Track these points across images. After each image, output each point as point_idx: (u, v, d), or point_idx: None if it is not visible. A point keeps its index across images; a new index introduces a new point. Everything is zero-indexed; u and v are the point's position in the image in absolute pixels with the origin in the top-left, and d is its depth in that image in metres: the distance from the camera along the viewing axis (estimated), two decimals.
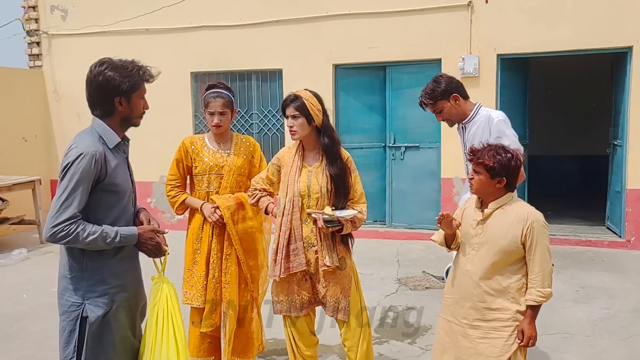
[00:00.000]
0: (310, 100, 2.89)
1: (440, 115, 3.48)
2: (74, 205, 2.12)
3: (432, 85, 3.44)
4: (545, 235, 2.45)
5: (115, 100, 2.24)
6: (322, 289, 2.95)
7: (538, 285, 2.43)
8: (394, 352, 3.94)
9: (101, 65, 2.23)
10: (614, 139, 7.09)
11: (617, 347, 3.97)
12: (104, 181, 2.21)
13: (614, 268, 5.87)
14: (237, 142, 3.40)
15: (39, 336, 4.25)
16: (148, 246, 2.30)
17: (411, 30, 7.09)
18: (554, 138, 10.15)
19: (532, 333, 2.43)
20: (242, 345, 3.38)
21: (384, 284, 5.46)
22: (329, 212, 2.80)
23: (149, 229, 2.32)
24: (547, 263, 2.44)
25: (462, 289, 2.57)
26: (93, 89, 2.24)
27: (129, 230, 2.25)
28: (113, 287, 2.24)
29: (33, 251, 7.08)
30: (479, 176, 2.48)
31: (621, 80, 6.76)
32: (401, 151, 7.42)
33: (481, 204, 2.56)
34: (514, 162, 2.45)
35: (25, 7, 8.65)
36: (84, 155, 2.14)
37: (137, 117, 2.34)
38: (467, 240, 2.58)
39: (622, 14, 6.39)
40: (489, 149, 2.48)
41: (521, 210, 2.48)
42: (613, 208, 7.09)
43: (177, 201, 3.34)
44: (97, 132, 2.26)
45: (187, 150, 3.32)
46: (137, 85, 2.26)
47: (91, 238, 2.14)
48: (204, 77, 7.91)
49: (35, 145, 8.66)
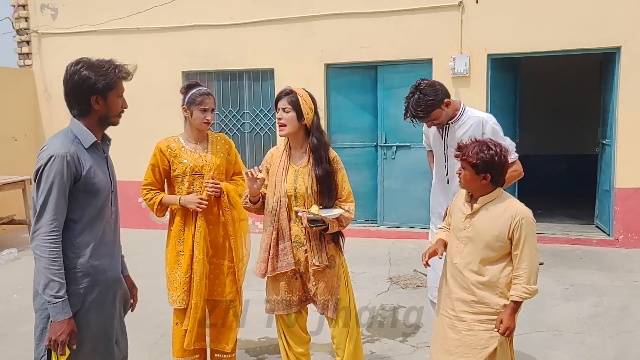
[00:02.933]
0: (303, 97, 2.90)
1: (432, 122, 3.27)
2: (51, 209, 2.12)
3: (421, 98, 3.16)
4: (532, 232, 2.48)
5: (91, 99, 2.23)
6: (312, 287, 2.96)
7: (524, 281, 2.46)
8: (386, 350, 3.96)
9: (77, 65, 2.23)
10: (602, 139, 7.16)
11: (605, 344, 4.02)
12: (79, 181, 2.20)
13: (602, 266, 5.93)
14: (213, 141, 3.37)
15: (30, 336, 4.19)
16: (55, 338, 2.14)
17: (402, 30, 7.11)
18: (543, 137, 10.21)
19: (511, 325, 2.47)
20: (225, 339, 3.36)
21: (376, 283, 5.48)
22: (314, 212, 2.80)
23: (63, 331, 2.14)
24: (534, 260, 2.47)
25: (450, 281, 2.61)
26: (69, 88, 2.24)
27: (63, 309, 2.13)
28: (84, 287, 2.22)
29: (23, 251, 7.03)
30: (465, 172, 2.53)
31: (610, 80, 6.83)
32: (392, 150, 7.44)
33: (471, 198, 2.60)
34: (497, 159, 2.48)
35: (15, 5, 8.59)
36: (54, 157, 2.14)
37: (115, 116, 2.32)
38: (455, 233, 2.62)
39: (610, 15, 6.45)
40: (473, 145, 2.52)
41: (510, 206, 2.51)
42: (602, 207, 7.16)
43: (154, 202, 3.27)
44: (72, 133, 2.25)
45: (164, 154, 3.26)
46: (113, 83, 2.24)
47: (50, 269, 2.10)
48: (195, 76, 7.89)
49: (25, 144, 8.60)
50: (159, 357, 3.89)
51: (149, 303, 4.22)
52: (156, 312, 4.48)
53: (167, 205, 3.31)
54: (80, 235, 2.22)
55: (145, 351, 3.95)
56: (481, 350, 2.51)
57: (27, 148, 8.61)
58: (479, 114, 3.31)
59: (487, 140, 2.57)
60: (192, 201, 3.19)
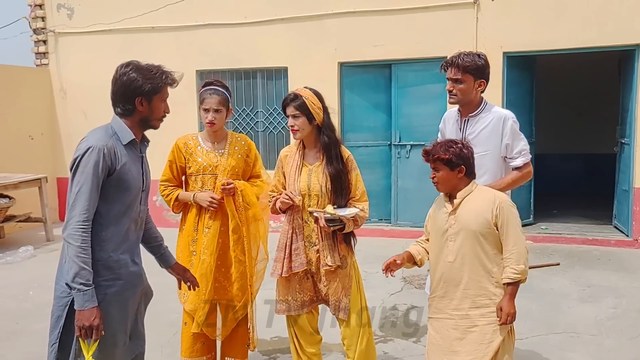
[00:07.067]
0: (310, 99, 2.88)
1: (455, 86, 3.11)
2: (84, 199, 2.18)
3: (473, 56, 3.09)
4: (514, 214, 2.54)
5: (136, 101, 2.31)
6: (324, 287, 2.95)
7: (512, 262, 2.49)
8: (399, 351, 3.93)
9: (127, 67, 2.33)
10: (621, 137, 7.04)
11: (623, 346, 3.94)
12: (112, 175, 2.26)
13: (620, 267, 5.83)
14: (232, 141, 3.32)
15: (44, 333, 4.22)
16: (84, 323, 2.16)
17: (417, 27, 7.06)
18: (560, 136, 10.09)
19: (511, 310, 2.47)
20: (237, 346, 3.34)
21: (389, 283, 5.43)
22: (330, 211, 2.79)
23: (95, 315, 2.16)
24: (520, 241, 2.51)
25: (448, 282, 2.60)
26: (117, 87, 2.33)
27: (92, 297, 2.17)
28: (106, 279, 2.26)
29: (39, 249, 7.11)
30: (440, 172, 2.60)
31: (628, 78, 6.71)
32: (407, 149, 7.39)
33: (449, 198, 2.64)
34: (466, 150, 2.58)
35: (32, 5, 8.68)
36: (92, 148, 2.21)
37: (157, 120, 2.41)
38: (442, 235, 2.63)
39: (629, 12, 6.34)
40: (439, 145, 2.61)
41: (487, 193, 2.59)
42: (620, 207, 7.05)
43: (171, 198, 3.26)
44: (112, 129, 2.33)
45: (180, 151, 3.25)
46: (159, 88, 2.34)
47: (80, 257, 2.15)
48: (209, 75, 7.91)
49: (42, 143, 8.69)
50: (172, 355, 3.90)
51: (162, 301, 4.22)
52: (169, 310, 4.49)
53: (184, 202, 3.29)
54: (105, 229, 2.27)
55: (158, 349, 3.96)
56: (488, 345, 2.50)
57: (43, 146, 8.71)
58: (500, 111, 3.23)
59: (448, 139, 2.66)
60: (204, 199, 3.17)
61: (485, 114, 3.19)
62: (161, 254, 2.69)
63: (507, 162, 3.21)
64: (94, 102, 8.09)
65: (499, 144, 3.14)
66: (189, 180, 3.30)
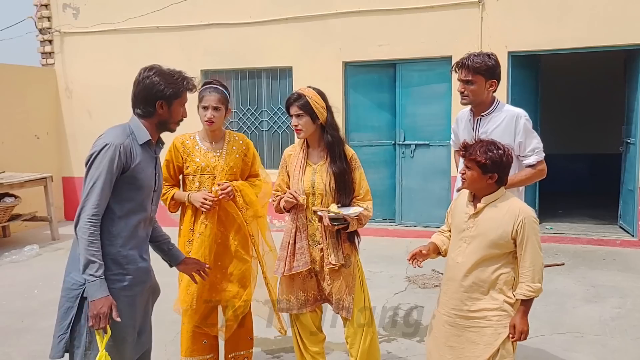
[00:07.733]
0: (313, 99, 2.89)
1: (466, 87, 3.12)
2: (96, 194, 2.23)
3: (483, 56, 3.11)
4: (535, 230, 2.48)
5: (157, 104, 2.38)
6: (327, 286, 2.95)
7: (528, 280, 2.45)
8: (402, 350, 3.93)
9: (150, 70, 2.39)
10: (626, 137, 7.02)
11: (628, 346, 3.93)
12: (126, 173, 2.31)
13: (626, 267, 5.81)
14: (230, 141, 3.28)
15: (50, 331, 4.24)
16: (97, 312, 2.21)
17: (421, 27, 7.06)
18: (565, 136, 10.04)
19: (524, 328, 2.46)
20: (241, 341, 3.35)
21: (393, 282, 5.45)
22: (334, 210, 2.80)
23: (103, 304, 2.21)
24: (538, 258, 2.47)
25: (453, 281, 2.60)
26: (139, 90, 2.40)
27: (101, 287, 2.21)
28: (114, 274, 2.31)
29: (44, 247, 7.14)
30: (471, 172, 2.51)
31: (634, 77, 6.69)
32: (411, 149, 7.39)
33: (473, 198, 2.58)
34: (505, 159, 2.48)
35: (38, 5, 8.71)
36: (109, 145, 2.27)
37: (174, 123, 2.47)
38: (458, 234, 2.60)
39: (635, 11, 6.31)
40: (480, 144, 2.50)
41: (513, 206, 2.50)
42: (625, 207, 7.02)
43: (167, 197, 3.22)
44: (130, 128, 2.39)
45: (178, 150, 3.21)
46: (179, 92, 2.41)
47: (89, 250, 2.21)
48: (214, 74, 7.91)
49: (47, 142, 8.73)
50: (175, 353, 3.90)
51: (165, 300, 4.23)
52: (173, 309, 4.51)
53: (180, 201, 3.26)
54: (116, 224, 2.32)
55: (162, 348, 3.97)
56: (485, 347, 2.49)
57: (49, 146, 8.75)
58: (513, 109, 3.23)
59: (494, 140, 2.55)
60: (197, 199, 3.13)
61: (498, 112, 3.20)
62: (169, 249, 2.71)
63: (520, 160, 3.20)
64: (99, 102, 8.14)
65: (512, 142, 3.12)
66: (187, 180, 3.26)
